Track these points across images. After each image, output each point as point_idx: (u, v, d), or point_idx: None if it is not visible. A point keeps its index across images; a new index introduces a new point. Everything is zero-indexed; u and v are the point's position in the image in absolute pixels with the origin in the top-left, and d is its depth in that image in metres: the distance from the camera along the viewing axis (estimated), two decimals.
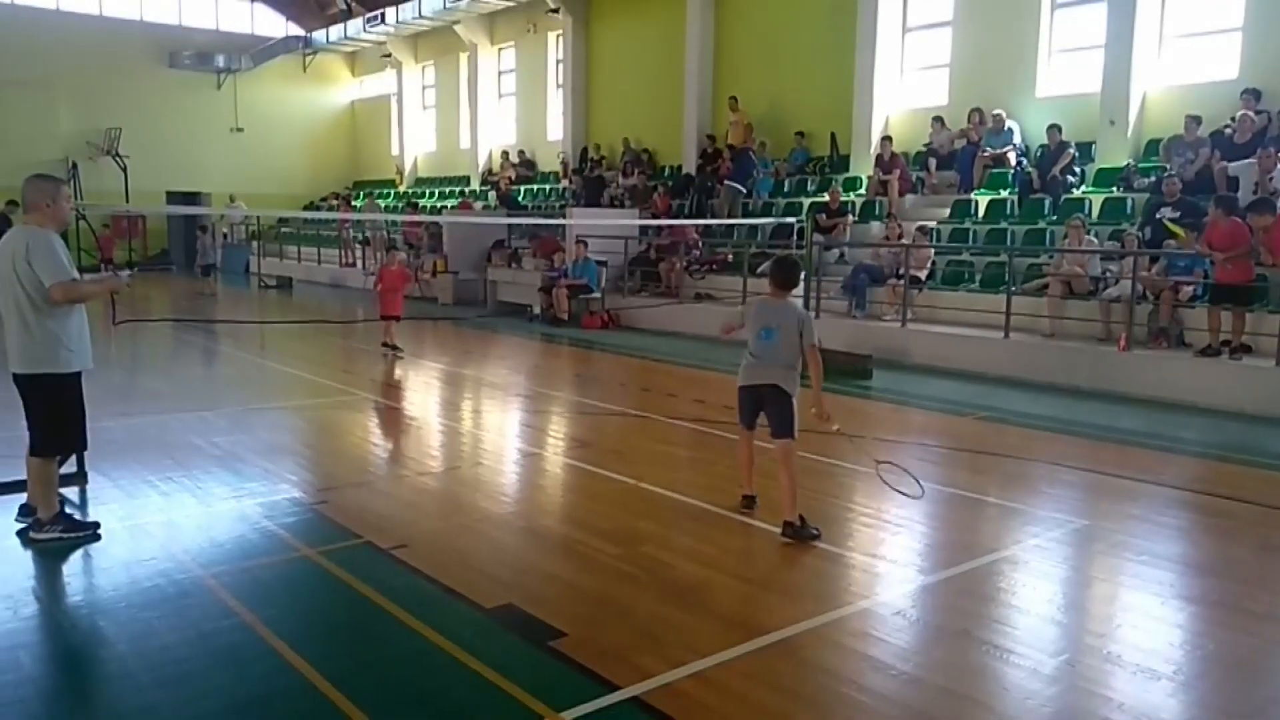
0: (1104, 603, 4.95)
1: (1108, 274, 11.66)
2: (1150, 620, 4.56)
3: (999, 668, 4.02)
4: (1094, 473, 7.22)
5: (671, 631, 4.28)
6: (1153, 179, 12.63)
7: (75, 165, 27.14)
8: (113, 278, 5.56)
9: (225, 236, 30.68)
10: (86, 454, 6.15)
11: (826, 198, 15.79)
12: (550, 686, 3.80)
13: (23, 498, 5.60)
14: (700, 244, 17.25)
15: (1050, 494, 6.82)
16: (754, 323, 5.87)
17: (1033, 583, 5.02)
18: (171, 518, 5.85)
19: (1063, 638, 4.39)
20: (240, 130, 31.88)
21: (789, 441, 5.67)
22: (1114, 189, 13.46)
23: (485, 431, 9.02)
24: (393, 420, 9.38)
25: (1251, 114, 12.12)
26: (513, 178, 24.83)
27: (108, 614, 4.49)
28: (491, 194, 24.74)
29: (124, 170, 28.18)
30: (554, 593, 4.80)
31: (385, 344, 12.62)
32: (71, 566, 5.15)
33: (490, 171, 26.56)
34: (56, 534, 5.39)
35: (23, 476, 5.56)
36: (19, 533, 5.46)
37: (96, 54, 28.72)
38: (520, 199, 23.63)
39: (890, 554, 5.49)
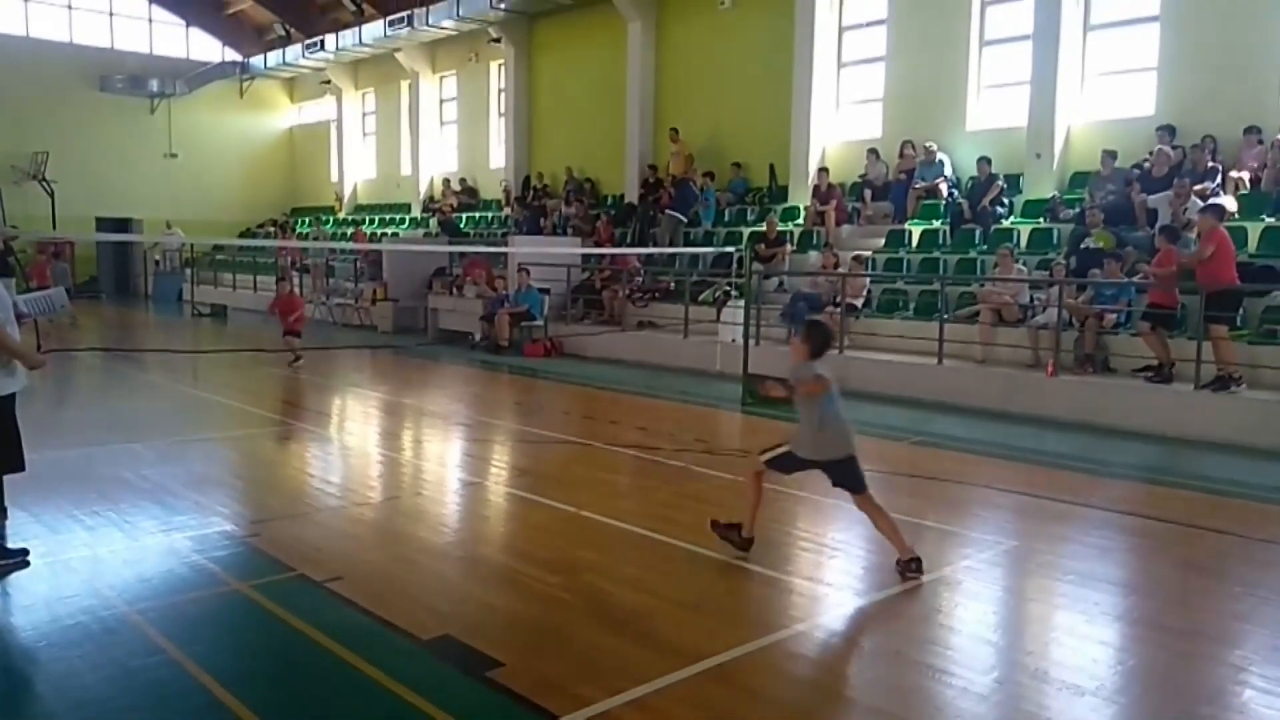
0: (1033, 622, 5.07)
1: (1036, 302, 12.00)
2: (1077, 638, 4.68)
3: (932, 687, 4.08)
4: (1025, 495, 7.40)
5: (610, 659, 4.28)
6: (1077, 210, 13.05)
7: None
8: (35, 355, 5.39)
9: (158, 263, 30.05)
10: (5, 489, 5.95)
11: (765, 227, 16.02)
12: (488, 717, 3.78)
13: None
14: (642, 272, 17.36)
15: (983, 516, 6.97)
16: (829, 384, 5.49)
17: (965, 603, 5.12)
18: (96, 553, 5.68)
19: (994, 656, 4.48)
20: (174, 156, 31.32)
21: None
22: (1041, 219, 13.87)
23: (425, 461, 8.94)
24: (330, 450, 9.25)
25: (1167, 149, 12.62)
26: (455, 205, 24.75)
27: (28, 654, 4.35)
28: (433, 221, 24.63)
29: (51, 195, 27.47)
30: (492, 623, 4.77)
31: (289, 344, 14.18)
32: None
33: (432, 199, 26.44)
34: None
35: None
36: None
37: (23, 75, 28.01)
38: (462, 226, 23.56)
39: (828, 577, 5.56)
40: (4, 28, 28.32)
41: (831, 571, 5.67)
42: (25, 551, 5.43)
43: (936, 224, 14.86)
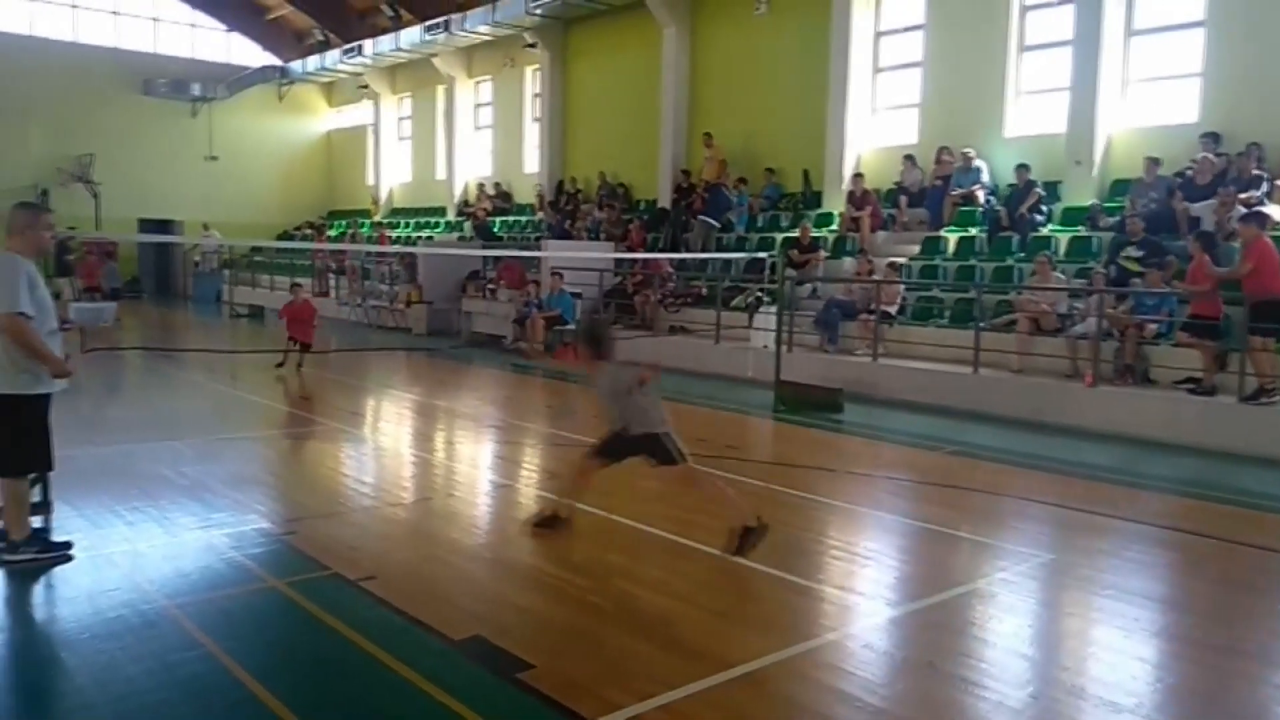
0: (1070, 636, 5.00)
1: (1074, 311, 11.85)
2: (1114, 654, 4.61)
3: (965, 700, 4.04)
4: (1062, 508, 7.30)
5: (639, 664, 4.28)
6: (1118, 218, 12.88)
7: (45, 191, 26.92)
8: (64, 366, 5.44)
9: (197, 264, 30.51)
10: (52, 484, 6.06)
11: (798, 233, 15.97)
12: (517, 718, 3.79)
13: None
14: (674, 277, 17.37)
15: (1018, 528, 6.88)
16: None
17: (1000, 616, 5.06)
18: (137, 548, 5.77)
19: (1029, 671, 4.42)
20: (214, 159, 31.78)
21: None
22: (1080, 227, 13.71)
23: (458, 463, 8.99)
24: (364, 451, 9.33)
25: (1211, 156, 12.42)
26: (489, 209, 24.90)
27: (70, 646, 4.42)
28: (467, 225, 24.80)
29: (95, 197, 27.98)
30: (523, 624, 4.79)
31: (284, 358, 13.50)
32: (34, 597, 5.07)
33: (466, 203, 26.62)
34: (31, 555, 5.34)
35: None
36: None
37: (70, 80, 28.57)
38: (496, 230, 23.71)
39: (859, 587, 5.52)
40: (52, 33, 28.90)
41: (863, 581, 5.63)
42: (69, 545, 5.54)
43: (973, 231, 14.73)
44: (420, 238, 26.03)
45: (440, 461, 9.02)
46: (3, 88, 26.99)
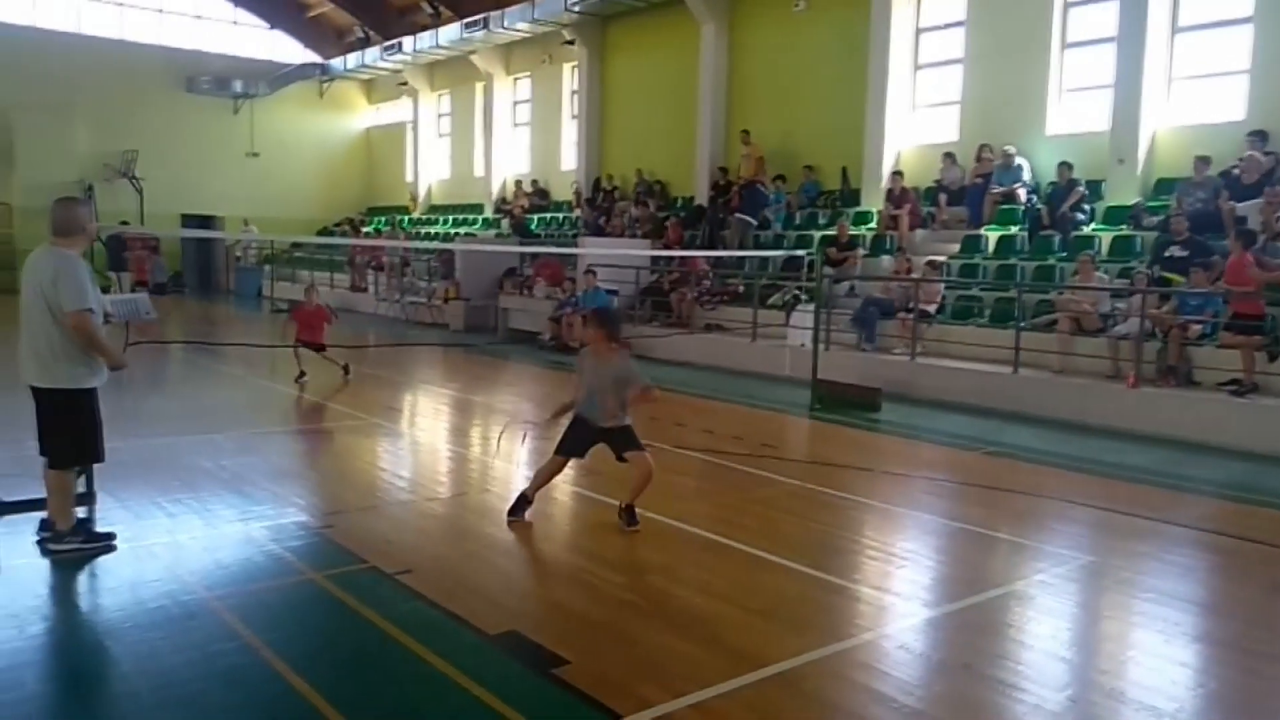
0: (1109, 639, 4.93)
1: (1117, 311, 11.67)
2: (1155, 658, 4.54)
3: (1002, 703, 4.00)
4: (1102, 510, 7.20)
5: (674, 661, 4.28)
6: (1161, 218, 12.66)
7: (91, 187, 27.42)
8: (121, 358, 5.61)
9: (239, 260, 30.94)
10: (95, 475, 6.18)
11: (836, 231, 15.87)
12: (552, 714, 3.81)
13: (42, 514, 5.65)
14: (711, 275, 17.33)
15: (1058, 530, 6.79)
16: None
17: (1038, 618, 5.00)
18: (178, 539, 5.87)
19: (1067, 674, 4.37)
20: (256, 155, 32.19)
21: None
22: (1123, 227, 13.50)
23: (493, 458, 9.04)
24: (401, 446, 9.42)
25: (1259, 155, 12.17)
26: (526, 206, 25.00)
27: (113, 634, 4.51)
28: (505, 222, 24.92)
29: (139, 192, 28.46)
30: (558, 620, 4.81)
31: (300, 366, 12.32)
32: (78, 586, 5.17)
33: (504, 199, 26.75)
34: (76, 545, 5.45)
35: (38, 494, 5.62)
36: (38, 543, 5.51)
37: (116, 77, 29.06)
38: (533, 227, 23.80)
39: (896, 587, 5.48)
40: (99, 30, 29.43)
41: (900, 581, 5.58)
42: (112, 535, 5.64)
43: (1014, 230, 14.55)
44: (458, 234, 26.20)
45: (476, 457, 9.08)
46: (51, 85, 27.51)
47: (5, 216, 26.53)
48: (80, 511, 5.80)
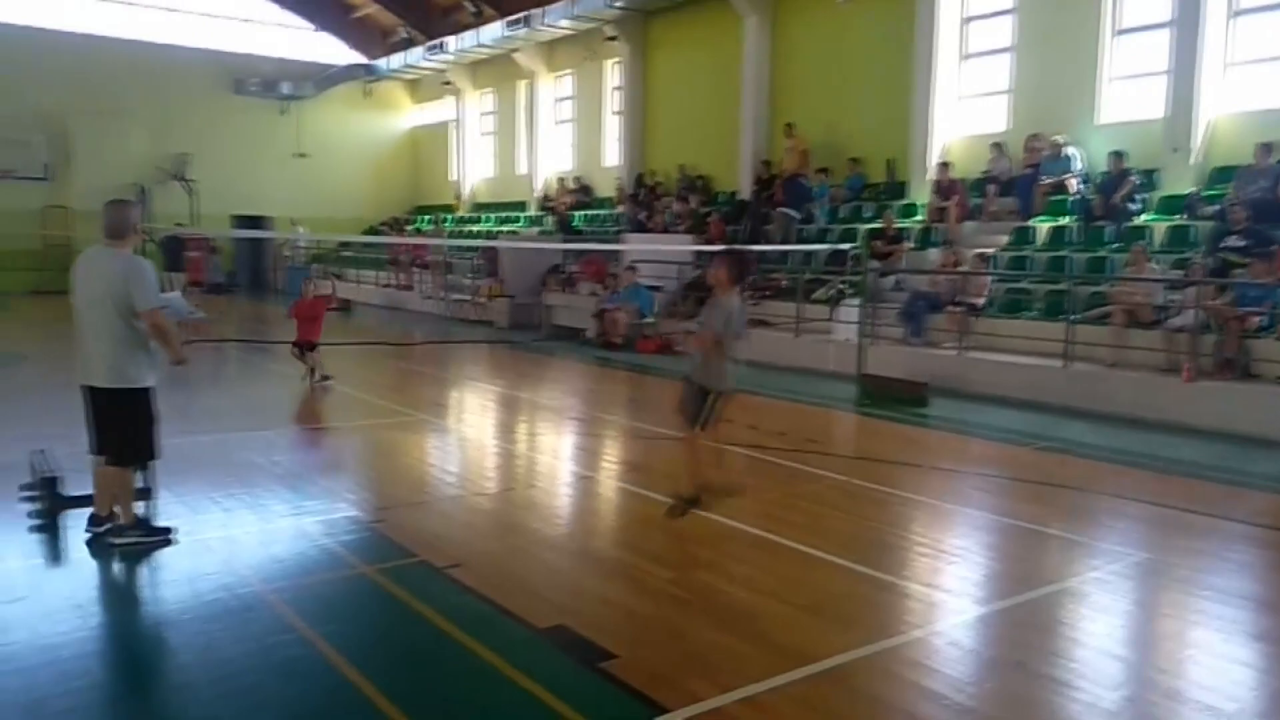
0: (1166, 638, 4.84)
1: (1172, 303, 11.43)
2: (1214, 657, 4.45)
3: (1055, 701, 3.95)
4: (1158, 506, 7.06)
5: (723, 656, 4.28)
6: (1218, 207, 12.36)
7: (145, 189, 28.00)
8: (183, 353, 5.83)
9: (289, 259, 31.41)
10: (153, 471, 6.32)
11: (882, 224, 15.72)
12: (601, 707, 3.83)
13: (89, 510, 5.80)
14: (754, 270, 17.25)
15: (1112, 526, 6.68)
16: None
17: (1092, 616, 4.92)
18: (233, 533, 5.99)
19: (1123, 672, 4.30)
20: (303, 156, 32.63)
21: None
22: (1178, 216, 13.20)
23: (540, 454, 9.10)
24: (449, 442, 9.51)
25: None
26: (570, 203, 25.09)
27: (172, 626, 4.62)
28: (548, 219, 25.03)
29: (191, 195, 28.99)
30: (606, 615, 4.83)
31: (305, 364, 12.04)
32: (137, 579, 5.31)
33: (547, 197, 26.86)
34: (137, 538, 5.60)
35: (89, 490, 5.77)
36: (88, 541, 5.65)
37: (167, 81, 29.61)
38: (576, 224, 23.87)
39: (946, 584, 5.42)
40: (150, 36, 30.03)
41: (950, 578, 5.53)
42: (170, 530, 5.78)
43: (1065, 220, 14.30)
44: (503, 232, 26.36)
45: (523, 453, 9.14)
46: (106, 90, 28.13)
47: (63, 219, 27.18)
48: (139, 507, 5.94)
